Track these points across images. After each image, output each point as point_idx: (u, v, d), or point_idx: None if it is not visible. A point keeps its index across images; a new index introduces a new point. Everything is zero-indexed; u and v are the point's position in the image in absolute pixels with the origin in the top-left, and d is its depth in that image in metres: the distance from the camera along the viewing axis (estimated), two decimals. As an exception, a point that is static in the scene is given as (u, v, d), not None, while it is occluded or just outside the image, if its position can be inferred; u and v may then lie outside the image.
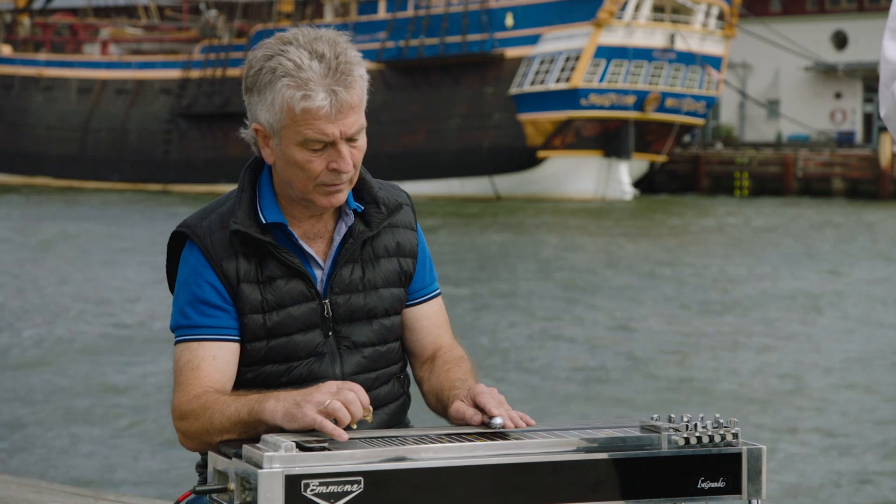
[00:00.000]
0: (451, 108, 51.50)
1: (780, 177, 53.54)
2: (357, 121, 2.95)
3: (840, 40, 65.24)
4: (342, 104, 2.91)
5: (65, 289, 22.64)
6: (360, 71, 2.96)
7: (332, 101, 2.90)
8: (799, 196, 52.23)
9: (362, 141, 3.00)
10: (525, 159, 50.47)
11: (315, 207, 3.04)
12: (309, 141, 2.93)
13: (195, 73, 56.57)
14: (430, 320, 3.22)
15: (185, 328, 3.02)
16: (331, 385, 2.81)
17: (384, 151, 50.02)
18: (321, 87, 2.90)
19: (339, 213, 3.10)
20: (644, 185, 52.74)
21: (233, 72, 54.68)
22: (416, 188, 50.25)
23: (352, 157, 2.97)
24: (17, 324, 18.72)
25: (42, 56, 61.50)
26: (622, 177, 50.33)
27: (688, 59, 51.28)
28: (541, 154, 50.33)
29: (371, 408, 2.82)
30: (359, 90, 2.95)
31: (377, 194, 3.13)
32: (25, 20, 65.40)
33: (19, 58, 62.08)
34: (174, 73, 57.30)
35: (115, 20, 64.80)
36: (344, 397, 2.77)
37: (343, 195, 3.02)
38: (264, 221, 3.03)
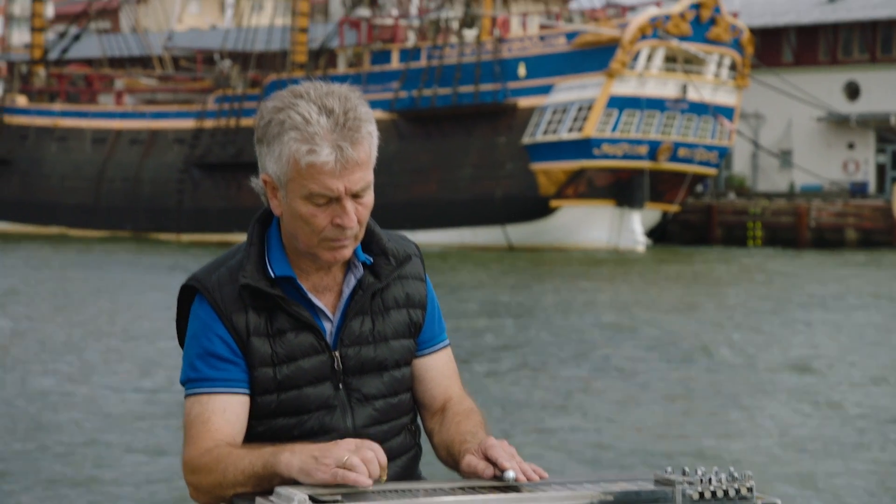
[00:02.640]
0: (464, 157, 51.59)
1: (794, 227, 53.48)
2: (363, 178, 2.95)
3: (852, 91, 65.29)
4: (348, 160, 2.90)
5: (71, 344, 22.63)
6: (370, 128, 2.95)
7: (337, 157, 2.90)
8: (812, 246, 52.15)
9: (369, 198, 2.98)
10: (537, 209, 50.49)
11: (321, 262, 3.03)
12: (314, 195, 2.93)
13: (209, 123, 56.78)
14: (439, 371, 3.21)
15: (195, 381, 3.02)
16: (349, 443, 2.80)
17: (396, 201, 50.08)
18: (327, 143, 2.90)
19: (348, 265, 3.10)
20: (657, 234, 52.70)
21: (246, 121, 54.86)
22: (429, 238, 50.28)
23: (357, 214, 2.96)
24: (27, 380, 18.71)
25: (57, 106, 61.78)
26: (635, 226, 50.30)
27: (700, 109, 51.36)
28: (553, 203, 50.35)
29: (386, 466, 2.81)
30: (366, 147, 2.94)
31: (386, 246, 3.12)
32: (41, 71, 65.74)
33: (34, 108, 62.37)
34: (188, 123, 57.51)
35: (129, 71, 65.12)
36: (363, 455, 2.77)
37: (348, 251, 3.01)
38: (273, 275, 3.02)
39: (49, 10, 78.23)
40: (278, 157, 2.94)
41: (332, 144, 2.90)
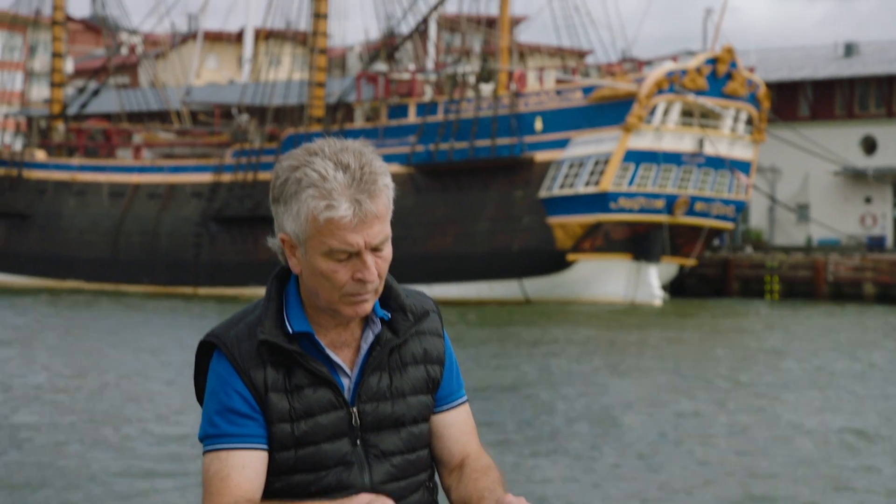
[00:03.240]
0: (481, 211, 51.64)
1: (811, 281, 53.36)
2: (382, 231, 2.96)
3: (869, 145, 65.29)
4: (366, 214, 2.91)
5: (81, 400, 22.62)
6: (386, 180, 2.96)
7: (355, 211, 2.91)
8: (830, 300, 51.99)
9: (388, 251, 2.99)
10: (554, 262, 50.47)
11: (341, 317, 3.04)
12: (334, 251, 2.94)
13: (226, 177, 56.95)
14: (457, 427, 3.21)
15: (213, 437, 3.02)
16: (363, 497, 2.80)
17: (413, 254, 50.11)
18: (345, 198, 2.91)
19: (367, 321, 3.10)
20: (674, 288, 52.63)
21: (263, 175, 55.01)
22: (445, 291, 50.25)
23: (377, 267, 2.97)
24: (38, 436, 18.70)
25: (75, 161, 62.04)
26: (652, 280, 50.24)
27: (717, 163, 51.39)
28: (570, 257, 50.33)
29: None
30: (384, 200, 2.95)
31: (404, 302, 3.12)
32: (60, 126, 66.09)
33: (53, 163, 62.65)
34: (206, 177, 57.70)
35: (148, 125, 65.42)
36: None
37: (369, 305, 3.01)
38: (291, 331, 3.03)
39: (69, 66, 78.74)
40: (296, 215, 2.95)
41: (349, 199, 2.91)
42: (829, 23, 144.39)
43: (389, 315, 3.10)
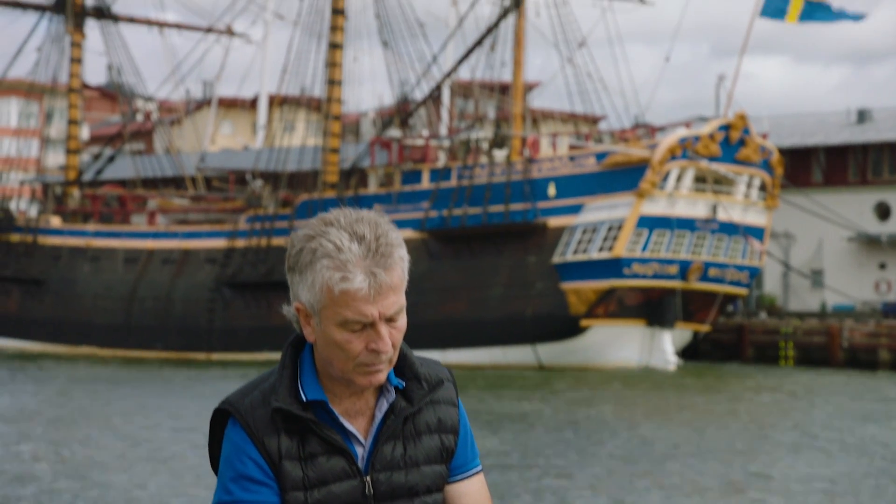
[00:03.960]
0: (494, 276, 51.65)
1: (826, 347, 53.17)
2: (396, 302, 2.96)
3: (883, 211, 65.25)
4: (381, 286, 2.92)
5: (94, 472, 22.57)
6: (401, 252, 2.97)
7: (370, 283, 2.91)
8: (845, 367, 51.78)
9: (402, 321, 3.00)
10: (568, 328, 50.39)
11: (355, 387, 3.04)
12: (348, 322, 2.94)
13: (240, 243, 57.09)
14: (472, 497, 3.19)
15: (228, 504, 3.01)
16: None
17: (426, 320, 50.06)
18: (360, 269, 2.91)
19: (381, 389, 3.10)
20: (688, 354, 52.48)
21: (277, 241, 55.15)
22: (459, 357, 50.16)
23: (391, 338, 2.97)
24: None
25: (90, 227, 62.26)
26: (666, 346, 50.13)
27: (730, 229, 51.38)
28: (584, 323, 50.25)
29: None
30: (399, 271, 2.95)
31: (419, 370, 3.12)
32: (75, 192, 66.41)
33: (68, 229, 62.89)
34: (220, 243, 57.84)
35: (162, 191, 65.69)
36: None
37: (383, 375, 3.01)
38: (305, 399, 3.03)
39: (84, 133, 79.19)
40: (311, 285, 2.95)
41: (364, 271, 2.92)
42: (844, 89, 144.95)
43: (404, 384, 3.10)
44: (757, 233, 52.42)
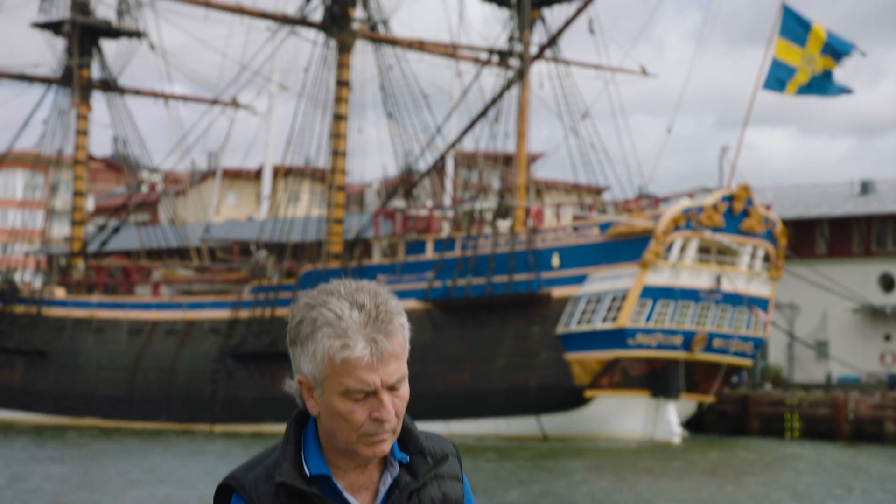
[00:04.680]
0: (498, 347, 51.57)
1: (832, 419, 52.90)
2: (398, 369, 2.96)
3: (887, 283, 65.21)
4: (383, 353, 2.92)
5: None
6: (401, 320, 2.97)
7: (372, 351, 2.91)
8: (851, 439, 51.50)
9: (405, 390, 2.99)
10: (572, 399, 50.23)
11: (360, 458, 3.02)
12: (351, 391, 2.94)
13: (244, 313, 57.08)
14: (476, 571, 3.16)
15: (232, 580, 2.99)
16: None
17: (430, 390, 49.92)
18: (361, 337, 2.92)
19: (385, 463, 3.08)
20: (693, 425, 52.24)
21: (281, 311, 55.15)
22: (462, 428, 49.97)
23: (394, 407, 2.96)
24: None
25: (95, 298, 62.29)
26: (670, 417, 49.92)
27: (734, 300, 51.33)
28: (588, 393, 50.10)
29: None
30: (400, 339, 2.96)
31: (423, 444, 3.10)
32: (80, 263, 66.51)
33: (72, 300, 62.91)
34: (224, 314, 57.83)
35: (167, 262, 65.76)
36: None
37: (387, 445, 3.00)
38: (309, 473, 3.01)
39: (89, 204, 79.49)
40: (313, 355, 2.95)
41: (365, 338, 2.92)
42: (850, 160, 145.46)
43: (408, 458, 3.08)
44: (761, 303, 52.36)
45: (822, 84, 49.36)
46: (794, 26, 49.20)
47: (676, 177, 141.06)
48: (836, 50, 49.12)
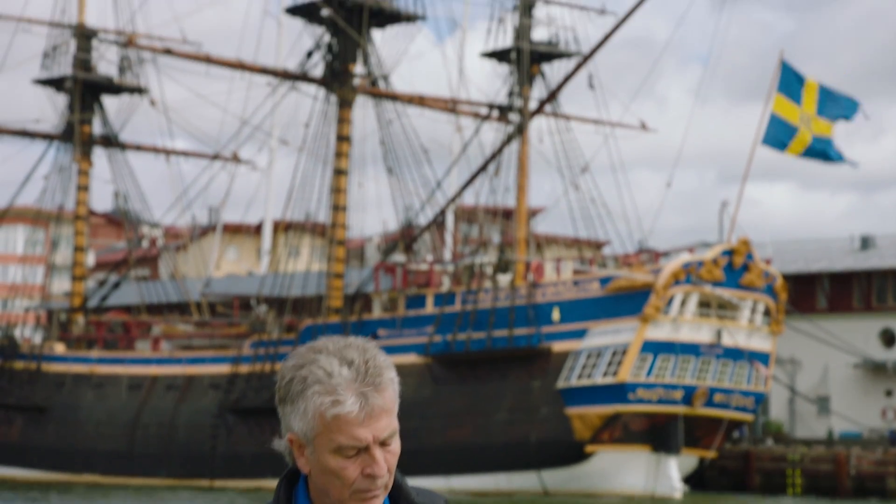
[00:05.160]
0: (499, 401, 51.44)
1: (834, 475, 52.65)
2: (389, 424, 2.95)
3: (888, 338, 65.11)
4: (373, 408, 2.92)
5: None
6: (391, 374, 2.98)
7: (362, 405, 2.91)
8: (853, 496, 51.25)
9: (396, 445, 2.99)
10: (573, 453, 50.07)
11: (352, 516, 3.01)
12: (342, 448, 2.93)
13: (244, 368, 56.99)
14: None
15: None
16: None
17: (431, 445, 49.76)
18: (351, 392, 2.92)
19: (377, 519, 3.06)
20: (694, 481, 52.00)
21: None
22: (463, 483, 49.76)
23: (386, 462, 2.96)
24: None
25: (94, 353, 62.23)
26: (671, 472, 49.71)
27: (735, 354, 51.24)
28: (589, 448, 49.92)
29: None
30: (390, 393, 2.96)
31: (414, 500, 3.10)
32: (80, 319, 66.50)
33: (72, 356, 62.85)
34: (223, 369, 57.75)
35: (167, 317, 65.74)
36: None
37: (379, 501, 2.99)
38: None
39: (90, 259, 79.54)
40: (303, 413, 2.95)
41: (355, 394, 2.92)
42: (851, 216, 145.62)
43: (400, 513, 3.07)
44: (762, 358, 52.26)
45: (822, 149, 49.28)
46: (791, 82, 49.34)
47: (677, 231, 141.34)
48: (832, 110, 48.98)
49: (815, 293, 66.94)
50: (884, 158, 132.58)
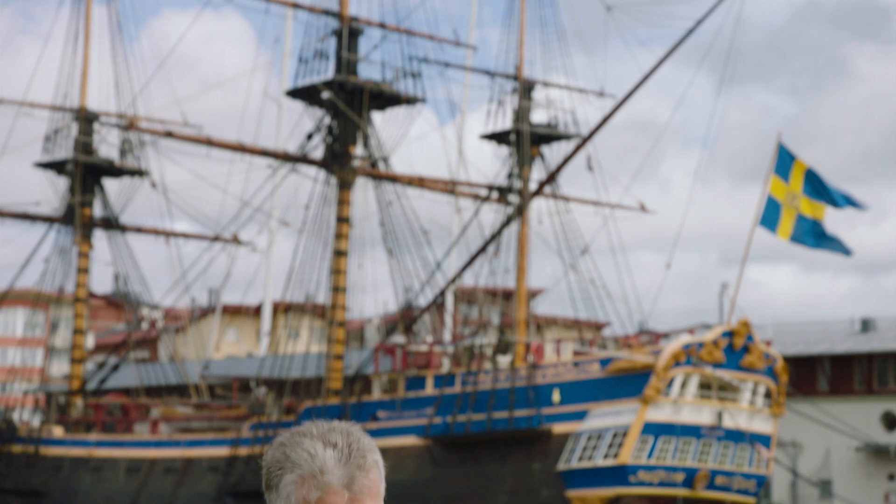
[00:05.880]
0: (499, 484, 51.09)
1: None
2: None
3: (890, 421, 64.88)
4: (360, 489, 2.90)
5: None
6: (375, 456, 2.95)
7: (346, 485, 2.88)
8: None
9: None
10: (574, 537, 49.68)
11: None
12: None
13: (243, 451, 56.68)
14: None
15: None
16: None
17: (431, 529, 49.37)
18: (335, 476, 2.89)
19: None
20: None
21: (280, 449, 54.70)
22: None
23: None
24: None
25: (93, 436, 61.98)
26: (675, 552, 49.29)
27: (736, 436, 50.96)
28: (590, 532, 49.52)
29: None
30: (374, 475, 2.93)
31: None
32: (78, 401, 66.30)
33: (70, 439, 62.59)
34: (222, 451, 57.45)
35: (166, 399, 65.54)
36: None
37: None
38: None
39: (89, 341, 79.40)
40: (286, 498, 2.92)
41: (340, 476, 2.89)
42: (853, 298, 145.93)
43: None
44: (763, 440, 51.97)
45: (811, 233, 49.19)
46: (786, 162, 49.59)
47: (678, 313, 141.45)
48: (819, 193, 49.00)
49: (816, 375, 66.80)
50: (885, 241, 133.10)
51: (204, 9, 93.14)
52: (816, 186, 48.81)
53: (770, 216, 49.48)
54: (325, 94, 56.96)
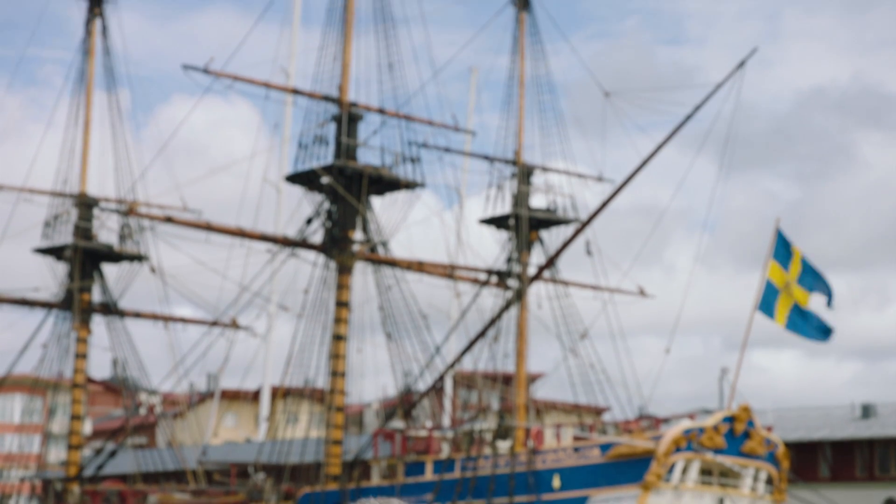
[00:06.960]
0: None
1: None
2: None
3: (892, 509, 64.48)
4: None
5: None
6: None
7: None
8: None
9: None
10: None
11: None
12: None
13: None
14: None
15: None
16: None
17: None
18: None
19: None
20: None
21: (278, 536, 54.33)
22: None
23: None
24: None
25: (89, 524, 61.55)
26: None
27: (738, 523, 50.64)
28: None
29: None
30: None
31: None
32: (75, 488, 65.84)
33: (66, 527, 62.15)
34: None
35: (163, 485, 65.11)
36: None
37: None
38: None
39: (87, 427, 79.03)
40: None
41: None
42: (856, 384, 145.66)
43: None
44: (766, 524, 51.64)
45: (803, 322, 49.38)
46: (784, 249, 49.81)
47: (680, 398, 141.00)
48: (810, 282, 49.29)
49: (817, 461, 66.44)
50: (889, 327, 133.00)
51: (205, 95, 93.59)
52: (808, 275, 49.16)
53: (768, 301, 49.60)
54: (325, 179, 57.13)
